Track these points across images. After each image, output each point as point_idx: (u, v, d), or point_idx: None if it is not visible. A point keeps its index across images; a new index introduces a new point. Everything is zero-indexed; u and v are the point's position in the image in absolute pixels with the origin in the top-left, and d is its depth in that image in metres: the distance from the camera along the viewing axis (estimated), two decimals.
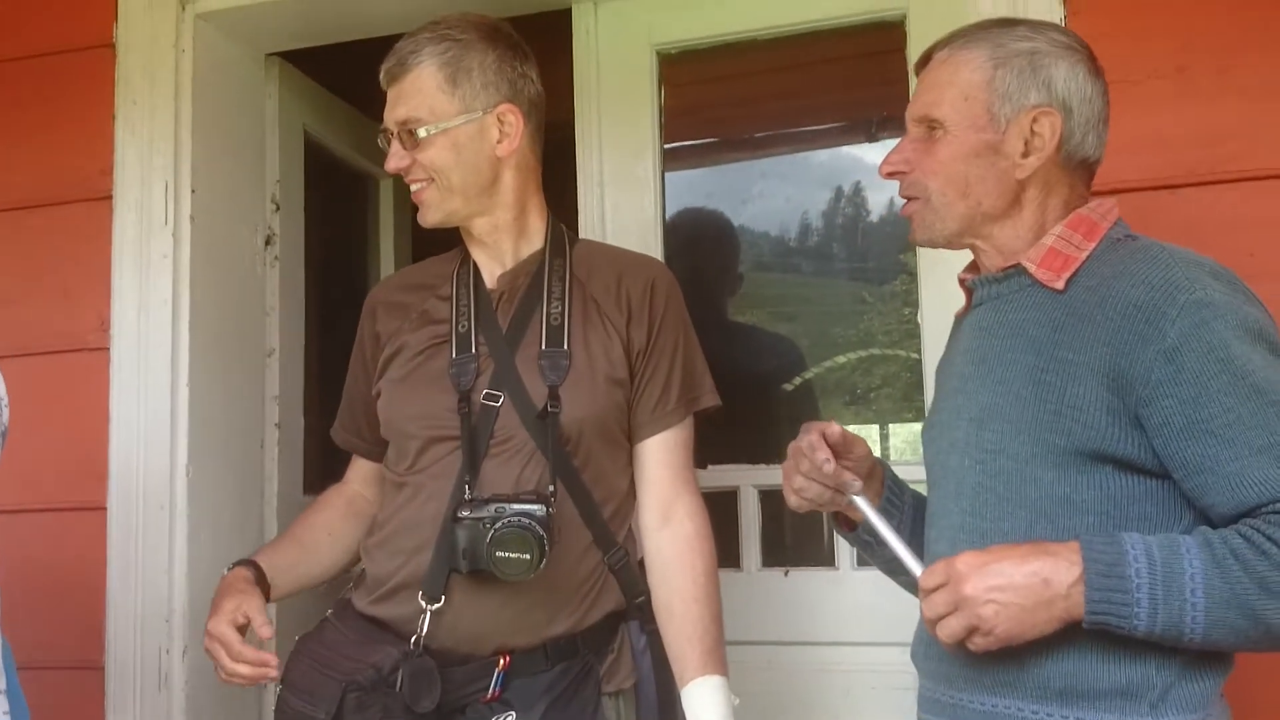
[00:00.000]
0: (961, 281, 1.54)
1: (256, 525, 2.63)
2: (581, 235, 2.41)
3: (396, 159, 1.78)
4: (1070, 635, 1.27)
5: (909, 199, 1.50)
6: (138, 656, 2.36)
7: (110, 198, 2.48)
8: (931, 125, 1.46)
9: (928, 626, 1.33)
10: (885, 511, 1.53)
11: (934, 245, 1.52)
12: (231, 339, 2.57)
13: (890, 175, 1.51)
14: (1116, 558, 1.23)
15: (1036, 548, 1.27)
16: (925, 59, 1.51)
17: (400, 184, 3.21)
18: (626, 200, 2.50)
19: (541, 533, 1.61)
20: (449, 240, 1.90)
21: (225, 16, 2.52)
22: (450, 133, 1.76)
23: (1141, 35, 1.96)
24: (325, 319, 2.91)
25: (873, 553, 1.60)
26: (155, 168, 2.45)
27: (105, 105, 2.50)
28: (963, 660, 1.37)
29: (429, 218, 1.81)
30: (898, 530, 1.44)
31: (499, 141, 1.79)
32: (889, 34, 2.37)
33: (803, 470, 1.46)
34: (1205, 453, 1.26)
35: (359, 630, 1.75)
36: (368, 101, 3.02)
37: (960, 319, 1.56)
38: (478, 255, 1.86)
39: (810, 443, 1.45)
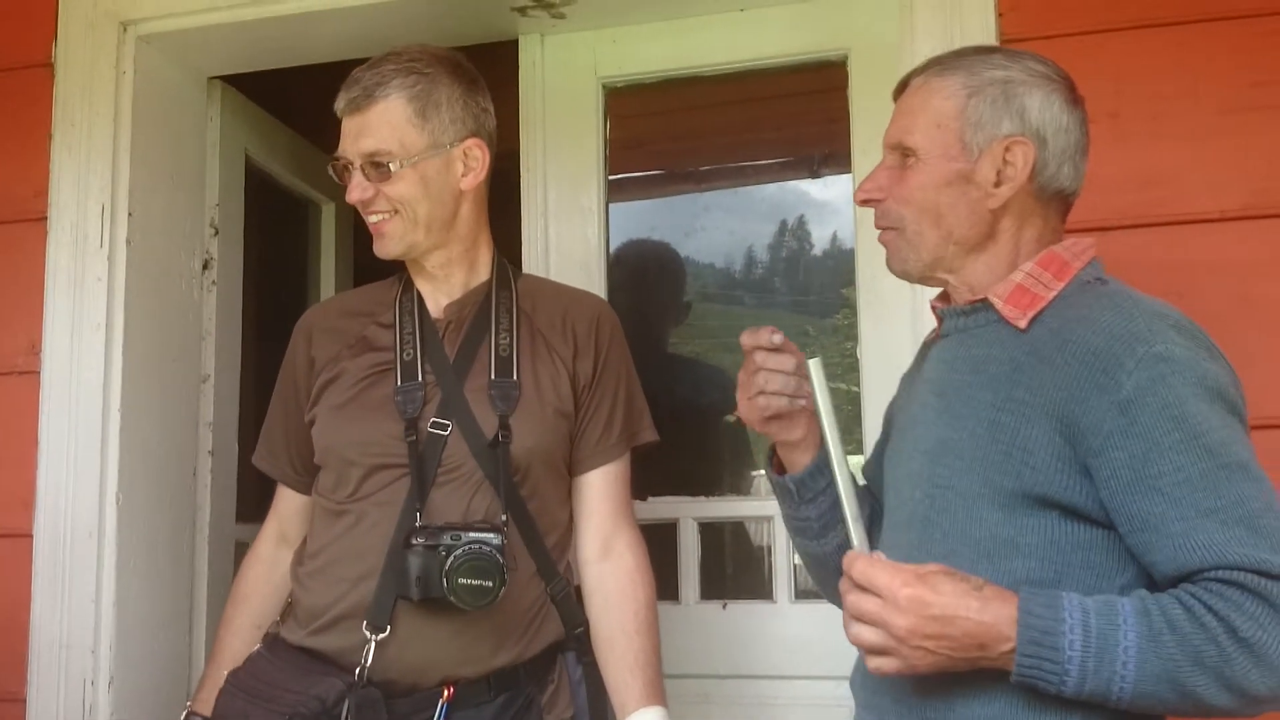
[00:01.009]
0: (934, 309, 1.52)
1: (188, 555, 2.58)
2: (525, 266, 2.42)
3: (360, 190, 1.76)
4: (1000, 680, 1.25)
5: (884, 228, 1.48)
6: (61, 688, 2.30)
7: (45, 219, 2.44)
8: (905, 152, 1.44)
9: (844, 607, 1.28)
10: (814, 475, 1.53)
11: (908, 278, 1.50)
12: (166, 364, 2.53)
13: (865, 202, 1.49)
14: (1052, 625, 1.19)
15: (981, 603, 1.21)
16: (903, 85, 1.50)
17: (343, 210, 3.22)
18: (571, 231, 2.50)
19: (501, 560, 1.61)
20: (391, 267, 1.89)
21: (167, 39, 2.49)
22: (419, 166, 1.75)
23: (1076, 81, 2.00)
24: (263, 345, 2.87)
25: (792, 504, 1.57)
26: (92, 189, 2.42)
27: (42, 125, 2.46)
28: (893, 694, 1.37)
29: (391, 249, 1.79)
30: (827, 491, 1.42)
31: (464, 175, 1.79)
32: (831, 73, 2.41)
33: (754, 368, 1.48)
34: (1151, 510, 1.23)
35: (296, 663, 1.71)
36: (311, 126, 3.02)
37: (928, 345, 1.55)
38: (423, 286, 1.85)
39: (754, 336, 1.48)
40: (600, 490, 1.82)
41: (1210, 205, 1.94)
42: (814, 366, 1.37)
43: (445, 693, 1.66)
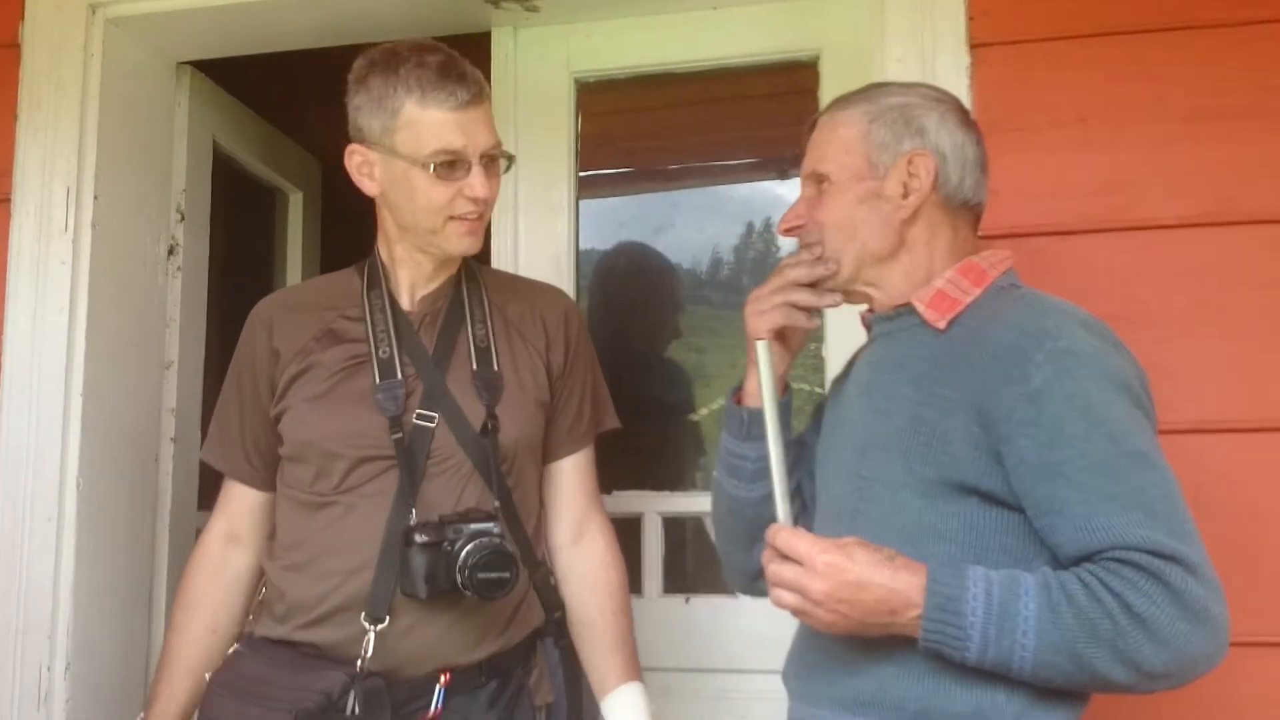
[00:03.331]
0: (863, 319, 1.62)
1: (148, 541, 2.56)
2: (494, 260, 2.43)
3: (488, 189, 1.72)
4: (928, 659, 1.33)
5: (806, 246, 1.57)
6: (17, 673, 2.28)
7: (8, 201, 2.41)
8: (820, 179, 1.55)
9: (766, 575, 1.37)
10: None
11: None
12: (129, 349, 2.51)
13: (787, 232, 1.58)
14: (957, 592, 1.28)
15: (893, 572, 1.31)
16: (812, 125, 1.60)
17: (310, 199, 3.21)
18: (540, 226, 2.50)
19: (510, 550, 1.65)
20: (356, 255, 1.88)
21: (136, 22, 2.47)
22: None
23: (1044, 86, 2.03)
24: (228, 332, 2.84)
25: (739, 436, 1.64)
26: (57, 172, 2.39)
27: (7, 106, 2.43)
28: (824, 679, 1.44)
29: (477, 247, 1.78)
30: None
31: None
32: (802, 74, 2.43)
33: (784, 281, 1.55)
34: (1055, 494, 1.31)
35: (285, 658, 1.69)
36: (280, 114, 3.01)
37: (859, 352, 1.63)
38: (399, 275, 1.83)
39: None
40: (572, 477, 1.88)
41: (1172, 212, 1.97)
42: (762, 348, 1.47)
43: (442, 679, 1.68)
